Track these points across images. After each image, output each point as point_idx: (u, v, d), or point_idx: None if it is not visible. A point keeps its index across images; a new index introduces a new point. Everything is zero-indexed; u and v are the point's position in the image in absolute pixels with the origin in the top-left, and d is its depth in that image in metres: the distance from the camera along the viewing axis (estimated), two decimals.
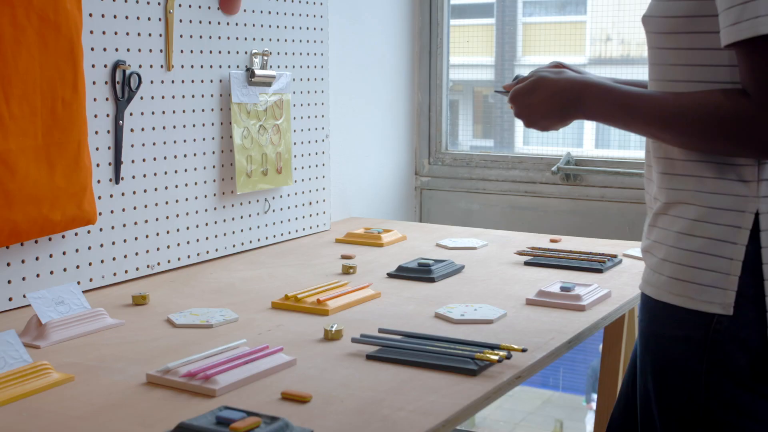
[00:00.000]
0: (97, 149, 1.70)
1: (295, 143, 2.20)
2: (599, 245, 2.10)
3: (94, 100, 1.68)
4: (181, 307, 1.59)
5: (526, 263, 1.91)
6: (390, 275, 1.82)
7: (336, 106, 2.44)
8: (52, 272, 1.63)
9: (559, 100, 1.30)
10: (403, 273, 1.81)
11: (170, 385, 1.20)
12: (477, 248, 2.09)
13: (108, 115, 1.72)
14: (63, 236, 1.65)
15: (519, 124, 2.73)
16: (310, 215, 2.26)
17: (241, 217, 2.06)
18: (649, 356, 1.23)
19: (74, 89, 1.57)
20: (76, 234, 1.67)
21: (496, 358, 1.26)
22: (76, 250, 1.68)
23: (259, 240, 2.11)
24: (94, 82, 1.68)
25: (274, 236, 2.15)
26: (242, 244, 2.06)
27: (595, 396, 4.63)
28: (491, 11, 2.83)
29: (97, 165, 1.70)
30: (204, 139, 1.94)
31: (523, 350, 1.30)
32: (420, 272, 1.79)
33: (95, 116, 1.69)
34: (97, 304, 1.60)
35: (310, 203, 2.26)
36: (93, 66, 1.68)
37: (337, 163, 2.44)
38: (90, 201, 1.63)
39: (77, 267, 1.68)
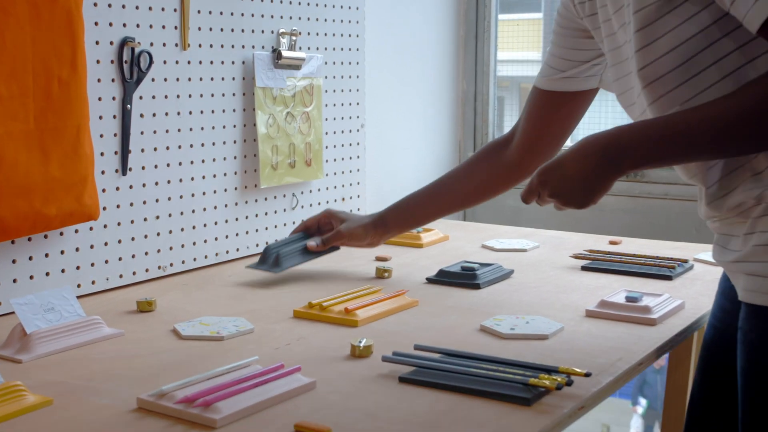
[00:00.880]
0: (101, 136, 1.51)
1: (326, 133, 2.00)
2: (665, 248, 1.88)
3: (98, 81, 1.50)
4: (191, 315, 1.40)
5: (584, 268, 1.69)
6: (429, 280, 1.61)
7: (372, 93, 2.23)
8: (48, 274, 1.45)
9: (598, 158, 1.15)
10: (444, 278, 1.60)
11: (163, 413, 1.00)
12: (527, 250, 1.87)
13: (114, 99, 1.53)
14: (61, 233, 1.47)
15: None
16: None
17: (266, 214, 1.86)
18: None
19: (73, 67, 1.39)
20: (76, 231, 1.49)
21: (553, 384, 1.04)
22: (77, 249, 1.49)
23: None
24: (98, 61, 1.50)
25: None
26: (266, 243, 1.86)
27: (641, 400, 4.46)
28: (539, 6, 2.66)
29: (101, 154, 1.52)
30: (224, 127, 1.75)
31: (587, 374, 1.09)
32: (463, 277, 1.59)
33: (99, 99, 1.50)
34: (98, 310, 1.42)
35: (343, 199, 2.06)
36: (97, 43, 1.49)
37: (373, 156, 2.23)
38: (91, 194, 1.45)
39: (77, 268, 1.50)
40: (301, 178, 1.91)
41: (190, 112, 1.67)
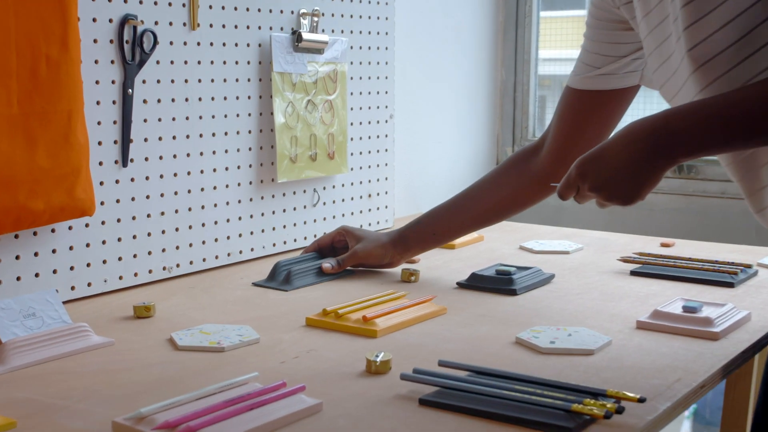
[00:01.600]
0: (98, 123, 1.37)
1: (351, 124, 1.85)
2: (724, 251, 1.70)
3: (96, 62, 1.36)
4: (193, 322, 1.25)
5: (633, 273, 1.52)
6: (460, 285, 1.45)
7: (403, 82, 2.07)
8: (37, 275, 1.32)
9: (646, 145, 1.02)
10: (476, 283, 1.44)
11: None
12: (570, 252, 1.70)
13: (114, 82, 1.39)
14: (52, 230, 1.33)
15: None
16: (369, 210, 1.91)
17: (284, 211, 1.71)
18: None
19: (63, 46, 1.25)
20: (69, 228, 1.35)
21: (601, 412, 0.88)
22: (70, 248, 1.36)
23: (305, 239, 1.76)
24: (95, 41, 1.36)
25: (325, 233, 1.80)
26: (284, 243, 1.72)
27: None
28: (582, 2, 2.51)
29: (99, 143, 1.38)
30: (238, 116, 1.60)
31: (641, 400, 0.92)
32: (498, 282, 1.42)
33: (96, 83, 1.36)
34: (90, 315, 1.28)
35: (369, 195, 1.91)
36: (94, 20, 1.35)
37: (402, 149, 2.07)
38: (85, 187, 1.31)
39: (71, 268, 1.36)
40: (323, 173, 1.76)
41: (200, 99, 1.53)
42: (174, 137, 1.49)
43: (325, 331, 1.22)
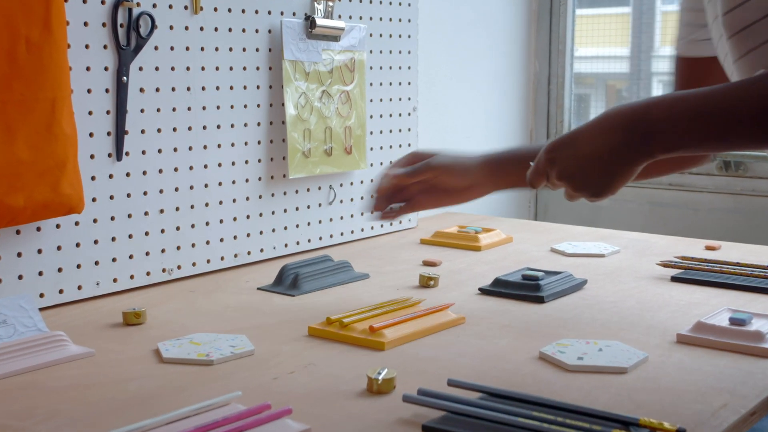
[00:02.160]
0: (90, 113, 1.27)
1: (371, 116, 1.73)
2: None
3: (86, 47, 1.26)
4: (186, 330, 1.14)
5: (675, 279, 1.38)
6: (483, 291, 1.33)
7: (427, 72, 1.95)
8: (20, 277, 1.22)
9: (620, 135, 0.93)
10: (500, 289, 1.32)
11: None
12: (605, 256, 1.57)
13: (106, 69, 1.29)
14: (38, 229, 1.23)
15: None
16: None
17: (296, 209, 1.60)
18: None
19: (46, 27, 1.15)
20: (57, 226, 1.25)
21: None
22: (58, 248, 1.25)
23: (321, 239, 1.65)
24: (86, 24, 1.25)
25: (341, 234, 1.69)
26: (297, 243, 1.60)
27: None
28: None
29: (90, 134, 1.27)
30: (245, 107, 1.49)
31: (679, 431, 0.79)
32: (524, 288, 1.30)
33: (87, 69, 1.26)
34: (76, 322, 1.18)
35: None
36: (84, 1, 1.25)
37: (426, 144, 1.95)
38: (73, 182, 1.20)
39: (59, 270, 1.26)
40: (340, 168, 1.64)
41: (203, 88, 1.42)
42: (174, 129, 1.38)
43: (328, 342, 1.10)
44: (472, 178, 1.22)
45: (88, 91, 1.26)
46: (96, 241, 1.30)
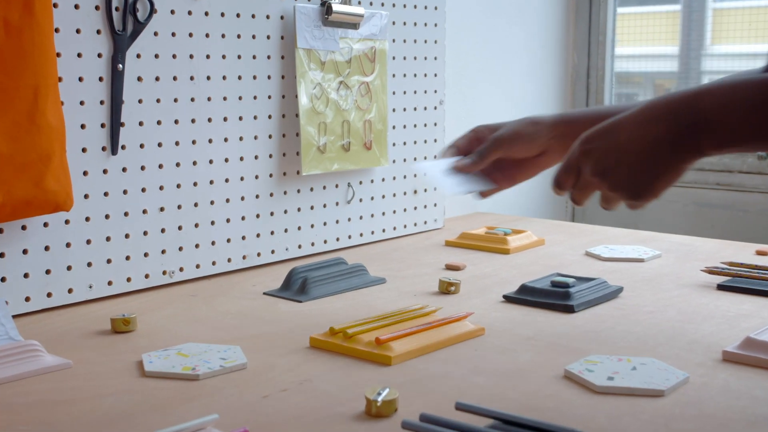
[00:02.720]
0: (81, 103, 1.18)
1: (393, 110, 1.62)
2: None
3: (77, 32, 1.17)
4: (177, 339, 1.05)
5: (721, 287, 1.26)
6: (507, 298, 1.21)
7: (455, 63, 1.84)
8: (3, 279, 1.13)
9: (666, 126, 0.81)
10: (526, 296, 1.20)
11: None
12: (645, 260, 1.44)
13: (100, 56, 1.19)
14: (23, 227, 1.14)
15: None
16: (415, 208, 1.68)
17: (311, 208, 1.49)
18: None
19: (27, 9, 1.05)
20: (45, 225, 1.16)
21: None
22: (46, 248, 1.16)
23: (337, 240, 1.54)
24: (76, 6, 1.16)
25: (360, 235, 1.58)
26: (312, 244, 1.50)
27: None
28: None
29: (82, 126, 1.18)
30: (255, 98, 1.39)
31: None
32: (552, 296, 1.18)
33: (78, 55, 1.17)
34: (64, 328, 1.09)
35: (415, 192, 1.68)
36: None
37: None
38: (59, 177, 1.11)
39: (47, 272, 1.17)
40: (358, 165, 1.53)
41: (208, 78, 1.32)
42: (176, 121, 1.29)
43: (330, 354, 1.00)
44: (542, 145, 1.08)
45: (80, 79, 1.17)
46: (89, 241, 1.20)
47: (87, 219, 1.20)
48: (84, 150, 1.19)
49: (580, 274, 1.30)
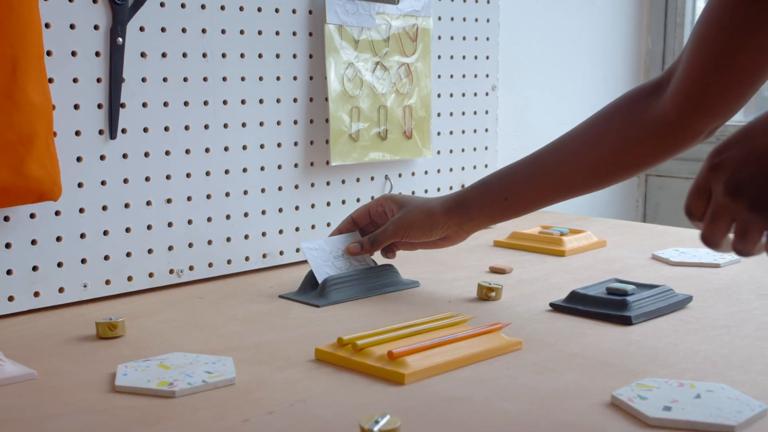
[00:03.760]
0: (74, 81, 1.05)
1: (438, 95, 1.46)
2: None
3: (70, 0, 1.04)
4: (167, 347, 0.91)
5: None
6: (554, 307, 1.05)
7: (511, 45, 1.67)
8: None
9: None
10: (576, 305, 1.03)
11: None
12: (721, 265, 1.26)
13: (97, 28, 1.07)
14: (6, 218, 1.02)
15: None
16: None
17: (343, 203, 1.35)
18: None
19: None
20: (32, 216, 1.04)
21: None
22: (33, 242, 1.04)
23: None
24: None
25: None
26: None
27: None
28: None
29: (75, 106, 1.06)
30: (278, 79, 1.25)
31: None
32: (606, 305, 1.01)
33: (71, 27, 1.05)
34: (46, 333, 0.98)
35: (463, 186, 1.52)
36: None
37: (510, 130, 1.67)
38: (44, 162, 0.99)
39: (33, 269, 1.04)
40: (397, 155, 1.38)
41: (224, 55, 1.19)
42: (186, 103, 1.16)
43: (336, 369, 0.85)
44: (441, 233, 1.12)
45: (73, 53, 1.05)
46: (83, 235, 1.08)
47: (81, 210, 1.07)
48: (78, 133, 1.06)
49: (643, 281, 1.13)
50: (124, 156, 1.11)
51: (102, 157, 1.09)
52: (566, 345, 0.91)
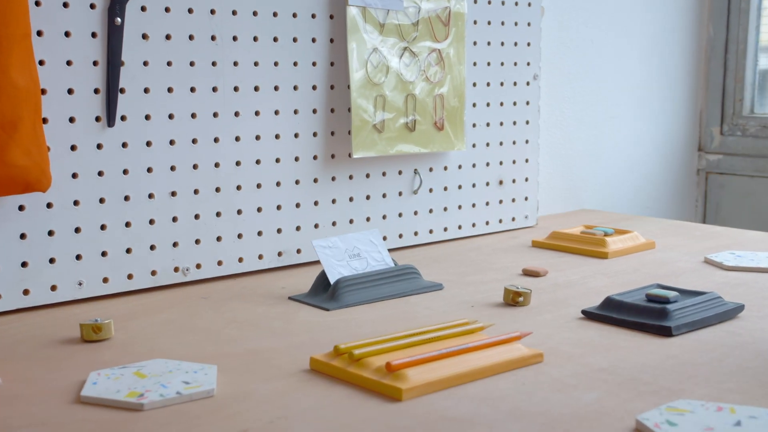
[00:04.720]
0: (68, 63, 0.98)
1: (473, 84, 1.36)
2: None
3: None
4: (153, 352, 0.84)
5: None
6: (587, 314, 0.94)
7: (556, 31, 1.56)
8: None
9: None
10: (611, 312, 0.92)
11: None
12: None
13: (93, 6, 1.00)
14: None
15: None
16: (500, 202, 1.41)
17: (367, 198, 1.26)
18: None
19: None
20: (20, 208, 0.97)
21: None
22: (22, 236, 0.97)
23: (401, 236, 1.30)
24: None
25: (431, 232, 1.33)
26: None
27: None
28: None
29: (69, 91, 0.99)
30: (295, 65, 1.16)
31: None
32: (644, 313, 0.90)
33: (64, 5, 0.97)
34: (28, 334, 0.91)
35: (501, 183, 1.41)
36: None
37: (552, 123, 1.56)
38: (30, 150, 0.92)
39: (23, 265, 0.98)
40: (426, 148, 1.28)
41: (234, 39, 1.10)
42: (192, 89, 1.08)
43: (329, 381, 0.76)
44: None
45: (66, 34, 0.98)
46: (78, 229, 1.01)
47: (75, 203, 1.00)
48: (72, 120, 0.99)
49: (691, 287, 1.01)
50: (124, 145, 1.03)
51: (99, 146, 1.01)
52: (594, 358, 0.81)
